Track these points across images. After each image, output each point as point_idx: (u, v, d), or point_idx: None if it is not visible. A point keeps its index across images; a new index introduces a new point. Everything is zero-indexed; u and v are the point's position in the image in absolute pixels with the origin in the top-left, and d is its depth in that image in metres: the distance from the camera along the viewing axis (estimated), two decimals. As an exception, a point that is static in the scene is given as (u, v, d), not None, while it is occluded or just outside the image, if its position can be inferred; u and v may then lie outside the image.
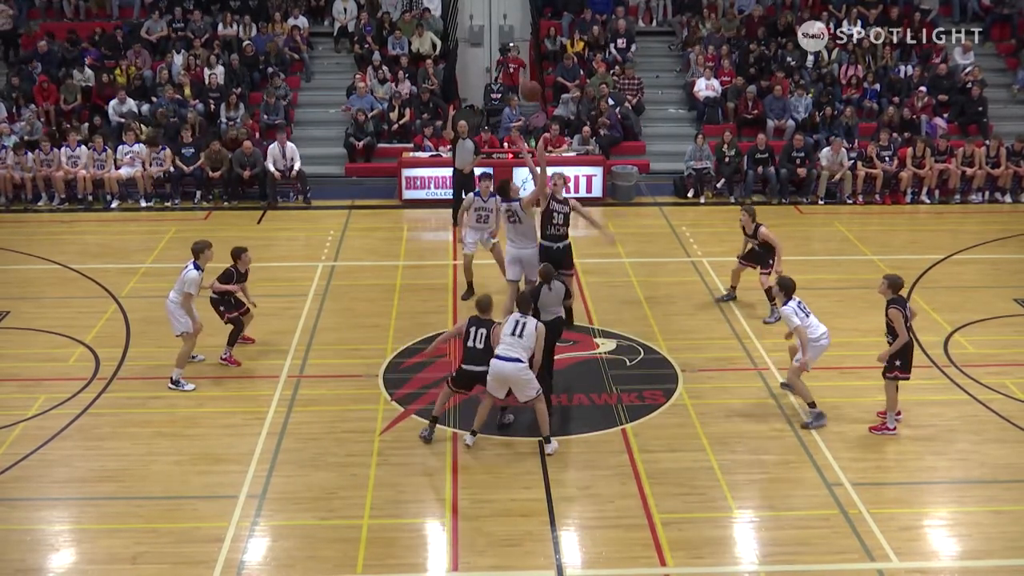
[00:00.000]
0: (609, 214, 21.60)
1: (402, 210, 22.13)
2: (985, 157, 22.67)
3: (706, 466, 11.84)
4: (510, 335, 11.90)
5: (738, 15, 27.82)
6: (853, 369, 14.25)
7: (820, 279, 17.12)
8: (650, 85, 26.25)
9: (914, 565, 10.22)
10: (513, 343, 11.86)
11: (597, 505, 11.14)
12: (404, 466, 11.85)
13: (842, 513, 10.98)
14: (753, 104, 24.60)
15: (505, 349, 11.85)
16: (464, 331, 12.18)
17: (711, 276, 17.67)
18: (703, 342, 15.18)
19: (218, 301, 14.44)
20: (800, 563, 10.22)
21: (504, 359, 11.82)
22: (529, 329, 11.92)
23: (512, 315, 12.19)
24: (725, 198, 22.37)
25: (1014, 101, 26.24)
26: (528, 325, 11.94)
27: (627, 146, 24.25)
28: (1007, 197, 22.74)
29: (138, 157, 22.34)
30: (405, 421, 12.87)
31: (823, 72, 25.76)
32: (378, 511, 10.98)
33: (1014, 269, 18.31)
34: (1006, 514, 11.07)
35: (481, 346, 12.09)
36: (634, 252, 19.05)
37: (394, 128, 24.43)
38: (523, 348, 11.87)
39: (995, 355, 14.62)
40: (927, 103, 24.71)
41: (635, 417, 12.98)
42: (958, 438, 12.62)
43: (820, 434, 12.52)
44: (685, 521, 10.85)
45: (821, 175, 22.39)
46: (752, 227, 15.96)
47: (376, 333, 15.51)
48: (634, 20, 28.05)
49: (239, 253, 14.49)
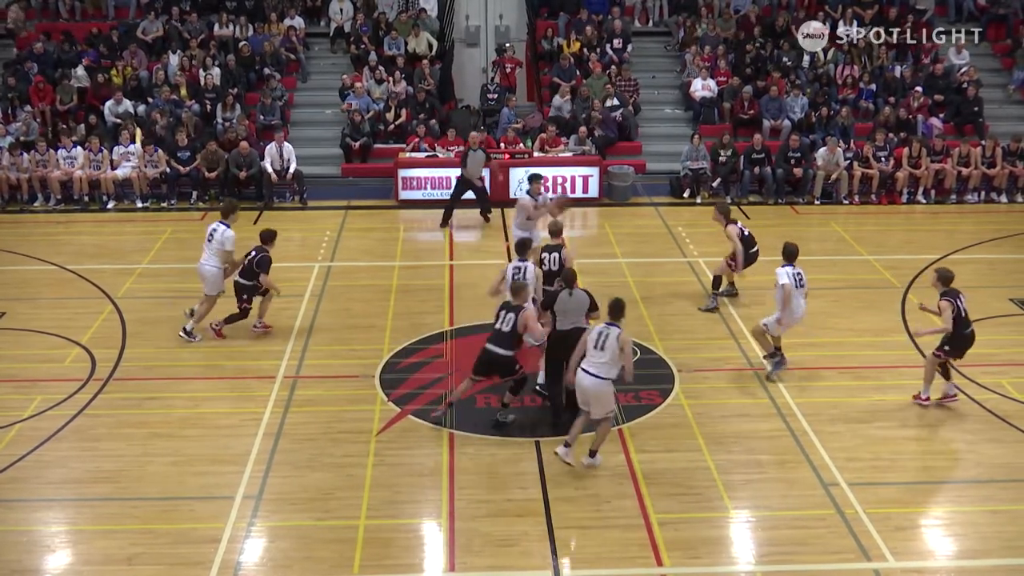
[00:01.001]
0: (606, 214, 21.62)
1: (398, 210, 22.12)
2: (981, 157, 22.69)
3: (702, 466, 11.85)
4: (594, 348, 11.38)
5: (734, 15, 27.83)
6: (849, 369, 14.27)
7: (816, 279, 17.06)
8: (646, 85, 26.27)
9: (910, 565, 10.23)
10: (596, 356, 11.36)
11: (594, 505, 11.14)
12: (400, 466, 11.85)
13: (838, 513, 10.99)
14: (749, 104, 24.61)
15: (590, 363, 11.39)
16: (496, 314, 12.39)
17: (707, 276, 17.66)
18: (699, 342, 15.19)
19: (246, 288, 14.63)
20: (796, 563, 10.22)
21: (588, 373, 11.42)
22: (611, 341, 11.30)
23: (596, 327, 11.53)
24: (721, 198, 22.37)
25: (1010, 101, 26.27)
26: (609, 336, 11.31)
27: (623, 146, 24.27)
28: (1003, 197, 22.77)
29: (134, 158, 22.33)
30: (402, 421, 12.86)
31: (819, 72, 25.78)
32: (374, 512, 10.97)
33: (1010, 269, 18.33)
34: (1003, 513, 11.08)
35: (507, 329, 12.13)
36: (630, 252, 19.06)
37: (390, 128, 24.42)
38: (608, 363, 11.34)
39: (991, 355, 14.63)
40: (923, 103, 24.73)
41: (632, 417, 12.99)
42: (954, 437, 12.65)
43: (817, 434, 12.53)
44: (681, 521, 10.86)
45: (817, 175, 22.40)
46: (723, 224, 16.20)
47: (372, 334, 15.51)
48: (630, 20, 28.06)
49: (271, 236, 14.94)
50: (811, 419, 12.92)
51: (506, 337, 12.18)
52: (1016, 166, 22.72)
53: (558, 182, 21.81)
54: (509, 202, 21.71)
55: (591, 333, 11.47)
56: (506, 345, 12.21)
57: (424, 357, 14.68)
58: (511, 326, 12.13)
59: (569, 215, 21.12)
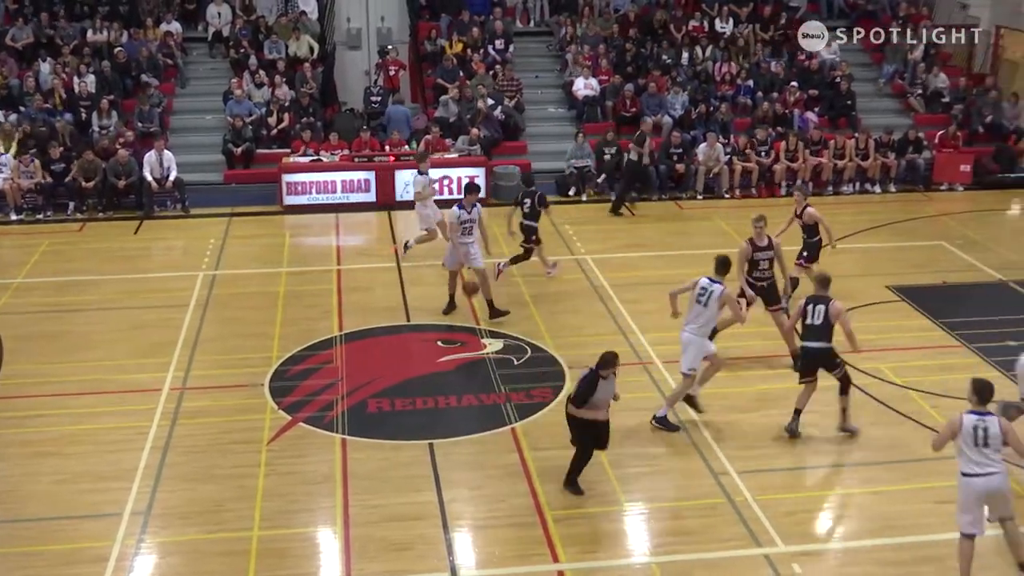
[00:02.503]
0: (493, 214, 21.61)
1: (283, 216, 21.82)
2: (855, 149, 23.35)
3: (595, 461, 11.92)
4: (972, 446, 9.64)
5: (614, 14, 28.14)
6: (737, 359, 14.52)
7: (702, 272, 17.33)
8: (529, 85, 26.39)
9: (799, 548, 10.49)
10: (982, 453, 9.66)
11: (489, 505, 11.18)
12: (293, 475, 11.72)
13: (729, 501, 11.21)
14: (631, 102, 24.92)
15: (980, 463, 9.65)
16: (802, 309, 12.28)
17: (595, 273, 17.85)
18: (589, 338, 15.30)
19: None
20: (690, 552, 10.40)
21: (988, 475, 9.67)
22: (993, 432, 9.61)
23: (969, 415, 9.71)
24: (606, 195, 22.59)
25: (880, 94, 27.06)
26: (991, 427, 9.63)
27: (509, 146, 24.36)
28: (876, 187, 23.45)
29: (7, 168, 21.62)
30: (293, 429, 12.72)
31: (698, 70, 26.23)
32: (268, 522, 10.83)
33: (886, 257, 18.89)
34: (885, 494, 11.44)
35: (819, 322, 12.20)
36: (519, 251, 19.07)
37: (273, 133, 24.11)
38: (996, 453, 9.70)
39: (870, 341, 15.02)
40: (799, 98, 25.34)
41: (524, 415, 13.05)
42: (838, 422, 12.98)
43: (705, 424, 12.75)
44: (577, 517, 10.95)
45: (699, 170, 22.79)
46: (801, 207, 16.07)
47: (261, 342, 15.29)
48: (512, 21, 28.17)
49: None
50: (700, 410, 13.15)
51: (818, 330, 12.22)
52: (888, 157, 23.42)
53: (445, 184, 21.78)
54: (395, 205, 21.65)
55: (964, 429, 9.71)
56: (823, 338, 12.24)
57: (314, 364, 14.54)
58: (823, 317, 12.18)
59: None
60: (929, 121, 25.22)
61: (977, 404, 9.71)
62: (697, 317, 12.51)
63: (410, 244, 18.57)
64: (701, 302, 12.44)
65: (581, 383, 11.09)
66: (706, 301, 12.39)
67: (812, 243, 16.17)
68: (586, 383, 11.03)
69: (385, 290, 17.34)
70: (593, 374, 11.05)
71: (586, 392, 11.01)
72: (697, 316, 12.51)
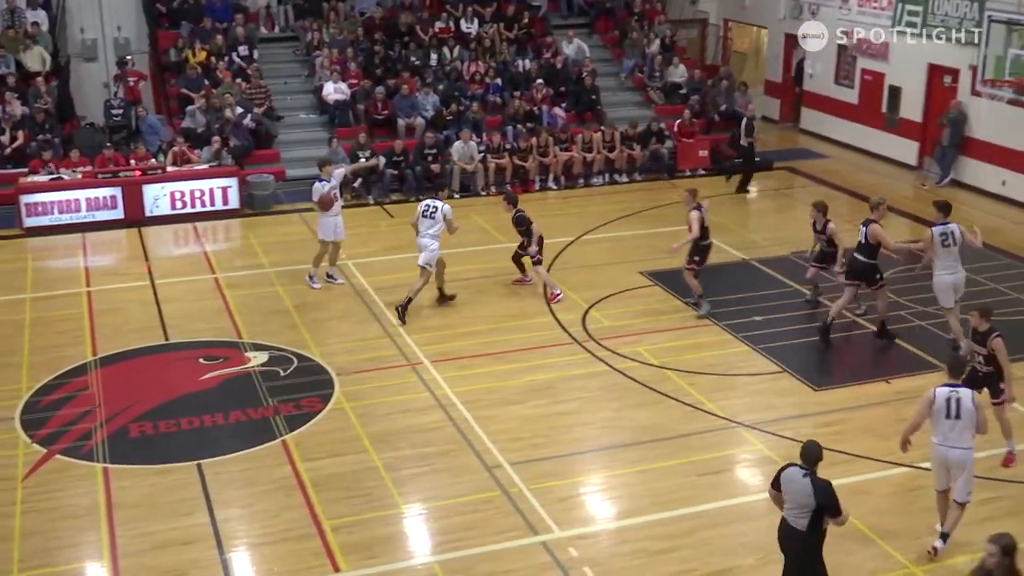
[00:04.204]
0: (248, 224, 21.20)
1: (24, 239, 20.61)
2: (602, 142, 24.13)
3: (370, 466, 11.93)
4: (944, 418, 10.06)
5: (359, 17, 28.03)
6: (501, 354, 14.78)
7: (463, 270, 17.58)
8: (278, 92, 25.96)
9: (575, 532, 10.79)
10: (953, 427, 10.07)
11: (263, 521, 10.97)
12: (53, 510, 11.14)
13: (504, 493, 11.41)
14: (383, 105, 24.90)
15: (947, 436, 10.09)
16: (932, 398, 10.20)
17: (357, 278, 17.75)
18: (355, 344, 15.24)
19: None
20: (470, 547, 10.52)
21: (948, 447, 10.11)
22: (966, 404, 10.02)
23: (942, 388, 10.11)
24: (363, 199, 22.50)
25: (622, 88, 28.05)
26: (964, 399, 10.05)
27: (261, 154, 23.87)
28: (624, 177, 24.30)
29: None
30: (49, 462, 12.09)
31: (447, 70, 26.48)
32: (28, 562, 10.27)
33: (637, 244, 19.58)
34: (651, 472, 11.91)
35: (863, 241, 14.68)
36: (278, 261, 18.78)
37: (7, 152, 22.78)
38: (966, 432, 10.12)
39: (627, 326, 15.63)
40: (546, 95, 25.96)
41: (294, 427, 12.86)
42: (602, 407, 13.42)
43: (477, 420, 12.92)
44: (355, 524, 10.89)
45: (454, 169, 23.02)
46: (822, 222, 15.87)
47: (8, 373, 14.43)
48: (255, 27, 27.62)
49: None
50: (470, 406, 13.30)
51: (864, 248, 14.56)
52: (633, 149, 24.31)
53: (195, 196, 21.15)
54: (144, 221, 20.86)
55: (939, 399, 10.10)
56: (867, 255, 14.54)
57: (68, 392, 13.85)
58: (864, 237, 14.52)
59: (210, 229, 20.66)
60: (669, 112, 26.32)
61: (950, 377, 10.34)
62: (427, 229, 15.76)
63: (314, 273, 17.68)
64: (427, 215, 15.84)
65: (831, 492, 8.72)
66: (431, 214, 15.80)
67: (829, 252, 16.02)
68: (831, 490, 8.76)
69: (140, 309, 16.70)
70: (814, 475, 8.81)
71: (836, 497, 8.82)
72: (427, 228, 15.77)
